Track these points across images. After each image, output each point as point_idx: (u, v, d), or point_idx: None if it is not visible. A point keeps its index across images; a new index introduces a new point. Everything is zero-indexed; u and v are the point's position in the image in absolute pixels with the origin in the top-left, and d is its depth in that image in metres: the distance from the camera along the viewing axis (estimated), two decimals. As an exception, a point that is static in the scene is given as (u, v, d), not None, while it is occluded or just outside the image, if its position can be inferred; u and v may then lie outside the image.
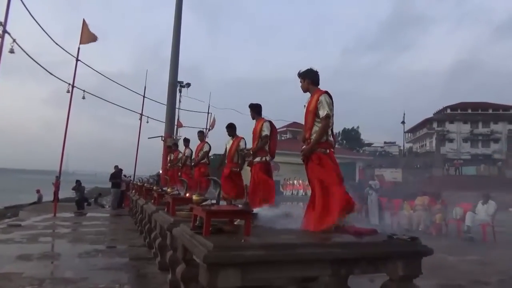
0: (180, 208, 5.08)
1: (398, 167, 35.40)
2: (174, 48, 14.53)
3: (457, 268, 5.82)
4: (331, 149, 3.71)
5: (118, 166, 15.81)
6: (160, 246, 5.19)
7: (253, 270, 2.74)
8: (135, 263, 5.62)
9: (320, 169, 3.60)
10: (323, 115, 3.58)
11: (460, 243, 8.30)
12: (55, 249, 6.57)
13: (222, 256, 2.63)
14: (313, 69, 3.79)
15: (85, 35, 12.51)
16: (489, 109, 52.74)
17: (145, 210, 7.19)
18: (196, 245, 2.91)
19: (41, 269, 5.08)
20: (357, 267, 3.11)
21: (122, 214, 13.31)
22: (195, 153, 8.38)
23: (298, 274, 3.03)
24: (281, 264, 2.82)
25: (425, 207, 9.87)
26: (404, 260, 3.11)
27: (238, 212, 3.32)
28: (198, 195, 3.57)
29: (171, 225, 4.17)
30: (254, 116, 5.24)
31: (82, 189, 15.72)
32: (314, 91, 3.75)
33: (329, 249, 3.01)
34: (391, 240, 3.24)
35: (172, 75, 14.51)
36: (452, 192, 16.54)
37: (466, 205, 9.46)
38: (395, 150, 57.17)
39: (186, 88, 24.12)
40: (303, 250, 2.90)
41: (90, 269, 5.17)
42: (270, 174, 5.21)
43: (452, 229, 9.27)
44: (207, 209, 3.11)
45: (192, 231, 3.27)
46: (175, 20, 14.58)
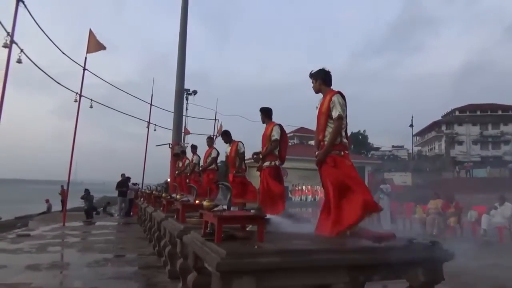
0: (190, 215, 5.00)
1: (408, 171, 35.06)
2: (180, 56, 14.55)
3: (477, 273, 5.62)
4: (346, 151, 3.58)
5: (125, 175, 15.79)
6: (170, 254, 5.07)
7: (268, 277, 2.62)
8: (144, 272, 5.52)
9: (335, 171, 3.48)
10: (335, 116, 3.47)
11: (477, 246, 8.08)
12: (64, 259, 6.50)
13: (235, 263, 2.52)
14: (325, 69, 3.69)
15: (92, 44, 12.55)
16: (498, 111, 52.10)
17: (154, 217, 7.09)
18: (208, 252, 2.80)
19: (50, 279, 5.00)
20: (376, 273, 2.97)
21: (131, 222, 13.24)
22: (204, 159, 8.29)
23: (315, 281, 2.90)
24: (296, 271, 2.70)
25: (439, 210, 9.66)
26: (426, 265, 2.97)
27: (250, 217, 3.21)
28: (209, 201, 3.46)
29: (181, 232, 4.07)
30: (264, 119, 5.14)
31: (91, 198, 15.74)
32: (327, 92, 3.64)
33: (346, 255, 2.88)
34: (411, 244, 3.10)
35: (178, 82, 14.51)
36: (464, 195, 16.25)
37: (481, 207, 9.25)
38: (404, 154, 56.64)
39: (193, 96, 24.18)
40: (319, 256, 2.78)
41: (99, 278, 5.08)
42: (280, 179, 5.09)
43: (467, 232, 9.04)
44: (219, 215, 3.01)
45: (203, 238, 3.17)
46: (181, 28, 14.62)
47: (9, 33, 7.64)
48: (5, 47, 7.60)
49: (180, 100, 14.87)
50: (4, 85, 7.62)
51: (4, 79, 7.63)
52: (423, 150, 59.79)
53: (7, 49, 7.69)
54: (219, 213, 3.10)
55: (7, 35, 7.61)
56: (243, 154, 6.24)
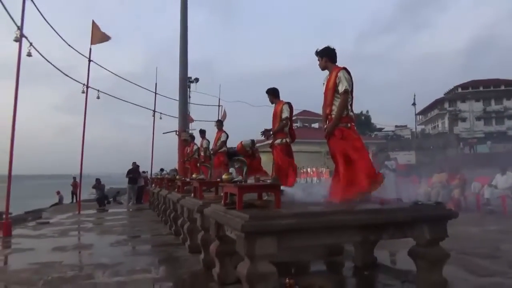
0: (207, 191, 5.29)
1: (411, 150, 35.23)
2: (182, 44, 14.65)
3: (479, 237, 5.92)
4: (353, 123, 3.83)
5: (136, 163, 16.09)
6: (189, 230, 5.37)
7: (288, 238, 2.90)
8: (164, 248, 5.83)
9: (343, 143, 3.73)
10: (342, 90, 3.71)
11: (481, 215, 8.36)
12: (86, 241, 6.83)
13: (259, 225, 2.80)
14: (330, 47, 3.91)
15: (95, 36, 12.70)
16: (501, 86, 51.85)
17: (170, 199, 7.39)
18: (231, 218, 3.08)
19: (78, 257, 5.35)
20: (385, 232, 3.25)
21: (143, 208, 13.61)
22: (214, 142, 8.55)
23: (330, 241, 3.18)
24: (313, 231, 2.97)
25: (443, 183, 9.93)
26: (430, 223, 3.24)
27: (268, 186, 3.48)
28: (227, 174, 3.72)
29: (201, 206, 4.35)
30: (273, 100, 5.36)
31: (102, 187, 16.09)
32: (332, 68, 3.87)
33: (357, 215, 3.15)
34: (417, 205, 3.37)
35: (182, 70, 14.66)
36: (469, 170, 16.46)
37: (483, 179, 9.50)
38: (407, 134, 56.67)
39: (195, 84, 24.31)
40: (333, 217, 3.05)
41: (124, 255, 5.41)
42: (291, 155, 5.34)
43: (471, 203, 9.32)
44: (239, 185, 3.28)
45: (225, 207, 3.45)
46: (181, 16, 14.68)
47: (19, 27, 7.84)
48: (16, 41, 7.80)
49: (184, 88, 15.06)
50: (17, 78, 7.85)
51: (17, 73, 7.86)
52: (426, 128, 59.83)
53: (18, 43, 7.88)
54: (239, 183, 3.37)
55: (17, 29, 7.81)
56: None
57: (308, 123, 38.05)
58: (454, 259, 3.84)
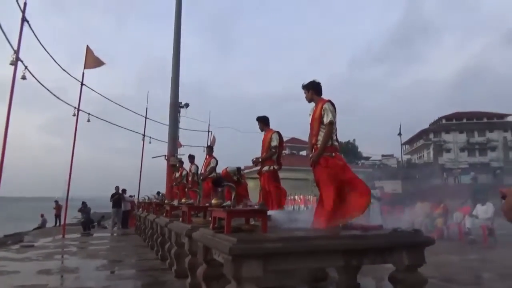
0: (195, 215, 5.40)
1: (397, 179, 35.67)
2: (175, 69, 14.99)
3: (460, 265, 6.09)
4: (337, 152, 4.03)
5: (119, 187, 16.02)
6: (176, 254, 5.43)
7: (274, 261, 3.03)
8: (151, 273, 5.85)
9: (328, 171, 3.92)
10: (327, 121, 3.94)
11: (462, 245, 8.56)
12: (71, 264, 6.76)
13: (246, 248, 2.93)
14: (315, 81, 4.17)
15: (89, 60, 12.95)
16: (483, 118, 53.41)
17: (158, 223, 7.43)
18: (219, 241, 3.20)
19: (63, 281, 5.33)
20: (366, 257, 3.41)
21: (129, 233, 13.48)
22: (203, 167, 8.68)
23: (314, 265, 3.32)
24: (298, 255, 3.11)
25: (427, 212, 10.16)
26: (409, 250, 3.41)
27: (256, 211, 3.62)
28: (217, 199, 3.86)
29: (189, 230, 4.45)
30: (263, 127, 5.57)
31: (88, 210, 15.92)
32: (318, 101, 4.11)
33: (340, 241, 3.31)
34: (396, 232, 3.55)
35: (173, 95, 14.93)
36: (452, 200, 16.79)
37: (465, 209, 9.75)
38: (393, 163, 57.44)
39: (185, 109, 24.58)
40: (317, 241, 3.20)
41: (109, 279, 5.41)
42: (279, 181, 5.52)
43: (454, 232, 9.53)
44: (228, 210, 3.42)
45: (213, 231, 3.57)
46: (175, 42, 15.09)
47: (15, 50, 8.02)
48: (12, 65, 7.96)
49: (175, 112, 15.28)
50: (10, 101, 7.95)
51: (10, 96, 7.97)
52: (412, 158, 60.77)
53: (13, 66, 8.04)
54: (227, 208, 3.51)
55: (14, 52, 7.98)
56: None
57: (296, 151, 38.37)
58: (436, 286, 4.00)
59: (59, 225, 17.68)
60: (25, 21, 8.28)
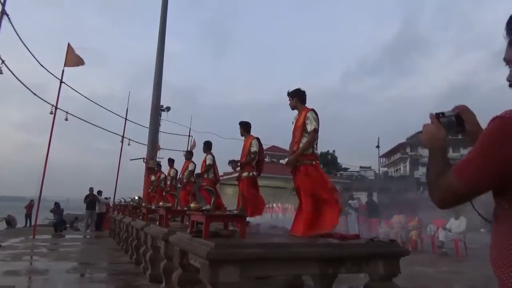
0: (172, 219, 5.33)
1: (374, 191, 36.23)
2: (158, 71, 14.86)
3: (432, 277, 6.20)
4: (317, 161, 4.06)
5: (93, 188, 15.67)
6: (151, 258, 5.33)
7: (251, 267, 3.01)
8: (124, 277, 5.71)
9: (307, 180, 3.94)
10: (311, 129, 3.96)
11: (435, 257, 8.72)
12: (41, 266, 6.54)
13: (223, 253, 2.90)
14: (301, 89, 4.21)
15: (70, 58, 12.70)
16: (458, 135, 54.82)
17: (133, 226, 7.28)
18: (197, 246, 3.16)
19: (32, 283, 5.15)
20: (343, 266, 3.42)
21: (102, 236, 13.17)
22: (181, 171, 8.58)
23: (290, 272, 3.32)
24: (275, 261, 3.10)
25: (402, 225, 10.32)
26: (384, 260, 3.44)
27: (234, 216, 3.60)
28: (196, 203, 3.83)
29: (166, 234, 4.37)
30: (243, 133, 5.57)
31: (61, 211, 15.49)
32: (302, 109, 4.14)
33: (317, 249, 3.32)
34: (372, 242, 3.59)
35: (155, 97, 14.76)
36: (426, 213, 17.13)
37: (439, 221, 9.96)
38: (371, 175, 58.31)
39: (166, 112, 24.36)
40: (295, 249, 3.21)
41: (80, 282, 5.26)
42: (257, 188, 5.50)
43: (428, 244, 9.71)
44: (207, 214, 3.38)
45: (191, 235, 3.52)
46: (159, 44, 14.96)
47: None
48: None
49: (156, 115, 15.10)
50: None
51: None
52: (389, 171, 61.87)
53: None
54: (206, 212, 3.47)
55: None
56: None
57: (276, 159, 38.48)
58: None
59: (30, 226, 17.11)
60: (4, 14, 8.07)
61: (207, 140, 7.37)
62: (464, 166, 0.93)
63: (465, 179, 0.92)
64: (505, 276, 0.89)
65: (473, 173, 0.90)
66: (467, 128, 1.17)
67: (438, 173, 1.01)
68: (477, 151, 0.91)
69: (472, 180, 0.91)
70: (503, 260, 0.90)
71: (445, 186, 0.97)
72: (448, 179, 0.95)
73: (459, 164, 0.95)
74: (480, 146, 0.90)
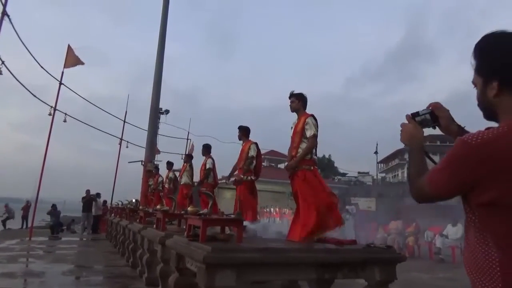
0: (169, 223, 5.32)
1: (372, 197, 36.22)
2: (157, 74, 14.88)
3: (429, 283, 6.20)
4: (315, 166, 4.07)
5: (90, 191, 15.62)
6: (147, 262, 5.32)
7: (247, 271, 3.01)
8: (120, 280, 5.70)
9: (304, 185, 3.95)
10: (310, 135, 3.98)
11: (432, 263, 8.72)
12: (37, 268, 6.51)
13: (220, 257, 2.90)
14: (304, 94, 4.24)
15: (69, 59, 12.71)
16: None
17: (130, 229, 7.26)
18: (194, 250, 3.15)
19: (28, 285, 5.12)
20: (339, 272, 3.42)
21: (99, 238, 13.12)
22: (179, 174, 8.58)
23: (287, 276, 3.32)
24: (272, 266, 3.10)
25: (399, 231, 10.33)
26: (381, 265, 3.45)
27: (231, 220, 3.60)
28: (193, 207, 3.83)
29: (163, 237, 4.36)
30: (242, 137, 5.57)
31: (58, 213, 15.42)
32: (302, 114, 4.16)
33: (314, 254, 3.32)
34: (369, 247, 3.59)
35: (154, 100, 14.78)
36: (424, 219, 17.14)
37: (436, 228, 9.97)
38: (369, 180, 58.34)
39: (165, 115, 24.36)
40: (292, 254, 3.20)
41: (76, 285, 5.24)
42: (255, 192, 5.50)
43: (425, 251, 9.71)
44: (204, 218, 3.39)
45: (188, 239, 3.52)
46: (159, 47, 15.00)
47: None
48: (-12, 59, 7.73)
49: (154, 117, 15.11)
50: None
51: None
52: (387, 177, 61.91)
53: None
54: (203, 216, 3.47)
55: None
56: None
57: (274, 163, 38.48)
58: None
59: (26, 228, 17.04)
60: (5, 15, 8.08)
61: (206, 143, 7.31)
62: (433, 176, 1.05)
63: (433, 187, 1.05)
64: (477, 280, 0.98)
65: (439, 184, 1.03)
66: (442, 123, 1.26)
67: (417, 173, 1.13)
68: (443, 164, 1.03)
69: (438, 189, 1.04)
70: (475, 266, 0.99)
71: (420, 188, 1.10)
72: (422, 183, 1.08)
73: (431, 173, 1.07)
74: (446, 161, 1.02)
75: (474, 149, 0.95)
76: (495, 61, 1.03)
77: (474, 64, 1.09)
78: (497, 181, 0.93)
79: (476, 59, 1.08)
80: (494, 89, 1.02)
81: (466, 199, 1.01)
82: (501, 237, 0.95)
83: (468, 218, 1.03)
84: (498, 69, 1.02)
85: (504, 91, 1.01)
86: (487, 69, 1.05)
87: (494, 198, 0.94)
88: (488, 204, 0.95)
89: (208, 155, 7.12)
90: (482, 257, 0.97)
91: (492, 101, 1.04)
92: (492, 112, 1.06)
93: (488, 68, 1.05)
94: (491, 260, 0.95)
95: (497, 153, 0.94)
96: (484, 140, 0.95)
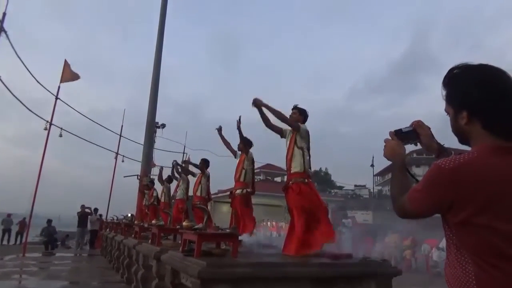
0: (165, 237, 5.29)
1: (369, 210, 36.16)
2: (153, 88, 14.92)
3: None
4: (310, 179, 4.08)
5: (85, 206, 15.51)
6: (142, 277, 5.27)
7: (243, 286, 3.00)
8: (115, 296, 5.62)
9: (299, 198, 3.95)
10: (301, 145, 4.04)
11: (429, 277, 8.68)
12: (31, 285, 6.43)
13: (215, 272, 2.89)
14: (307, 111, 4.34)
15: (65, 74, 12.77)
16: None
17: (125, 245, 7.20)
18: (188, 265, 3.14)
19: (20, 302, 5.04)
20: (335, 286, 3.40)
21: (94, 254, 12.97)
22: (175, 188, 8.55)
23: (282, 291, 3.28)
24: (267, 281, 3.08)
25: (396, 243, 10.30)
26: (377, 279, 3.44)
27: (227, 235, 3.59)
28: (188, 222, 3.81)
29: (158, 252, 4.33)
30: (242, 149, 5.52)
31: (52, 229, 15.25)
32: (299, 126, 4.21)
33: (309, 268, 3.30)
34: (365, 261, 3.59)
35: (150, 114, 14.80)
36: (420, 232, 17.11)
37: (433, 241, 9.95)
38: (366, 193, 58.28)
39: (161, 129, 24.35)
40: (287, 268, 3.20)
41: (71, 302, 5.16)
42: (250, 206, 5.48)
43: (422, 264, 9.67)
44: (199, 232, 3.37)
45: (183, 254, 3.50)
46: (155, 60, 15.07)
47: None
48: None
49: (150, 131, 15.10)
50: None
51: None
52: (383, 189, 61.92)
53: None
54: (199, 231, 3.46)
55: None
56: None
57: (270, 177, 38.43)
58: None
59: (21, 243, 16.81)
60: (2, 31, 8.14)
61: (204, 158, 7.30)
62: (413, 195, 1.13)
63: (413, 206, 1.13)
64: None
65: (417, 203, 1.11)
66: (423, 140, 1.34)
67: (399, 190, 1.20)
68: (421, 185, 1.11)
69: (417, 208, 1.12)
70: (454, 280, 1.06)
71: (402, 205, 1.16)
72: (404, 201, 1.15)
73: (411, 192, 1.14)
74: (424, 182, 1.10)
75: (447, 173, 1.03)
76: (463, 94, 1.12)
77: (444, 95, 1.18)
78: (469, 202, 1.00)
79: (446, 90, 1.18)
80: (464, 118, 1.11)
81: (445, 218, 1.08)
82: (476, 253, 1.02)
83: (447, 236, 1.11)
84: (466, 101, 1.11)
85: (474, 120, 1.10)
86: (457, 101, 1.14)
87: (467, 218, 1.01)
88: (462, 223, 1.03)
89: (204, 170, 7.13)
90: (460, 272, 1.04)
91: (464, 128, 1.13)
92: (464, 137, 1.16)
93: (457, 100, 1.14)
94: (468, 274, 1.02)
95: (468, 176, 1.01)
96: (456, 165, 1.03)
